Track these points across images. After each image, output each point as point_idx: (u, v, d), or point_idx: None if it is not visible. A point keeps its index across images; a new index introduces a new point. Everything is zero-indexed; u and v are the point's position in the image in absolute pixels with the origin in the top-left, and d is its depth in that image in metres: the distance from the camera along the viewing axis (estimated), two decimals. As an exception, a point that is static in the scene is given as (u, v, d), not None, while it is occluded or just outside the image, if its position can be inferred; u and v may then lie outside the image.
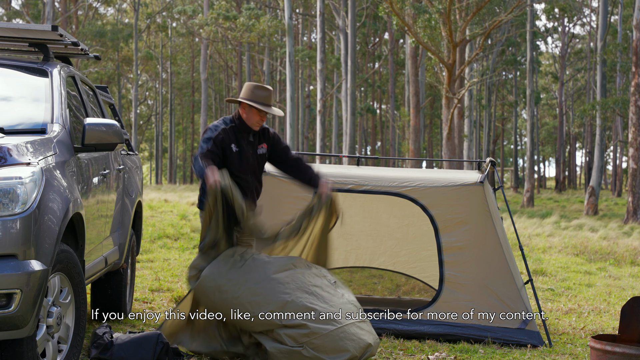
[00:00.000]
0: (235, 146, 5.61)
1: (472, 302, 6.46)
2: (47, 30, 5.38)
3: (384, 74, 54.66)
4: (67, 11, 40.83)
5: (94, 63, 42.50)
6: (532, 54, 34.76)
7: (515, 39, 44.37)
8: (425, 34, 24.08)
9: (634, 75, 22.70)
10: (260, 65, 50.52)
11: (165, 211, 17.81)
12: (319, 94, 30.65)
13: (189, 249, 11.85)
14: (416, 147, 29.65)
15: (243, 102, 5.63)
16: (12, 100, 5.12)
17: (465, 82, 30.62)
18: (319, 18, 30.37)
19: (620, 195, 47.57)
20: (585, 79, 54.83)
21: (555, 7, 38.81)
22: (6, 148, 4.06)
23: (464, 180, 6.73)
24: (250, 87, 5.71)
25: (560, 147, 52.91)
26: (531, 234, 16.38)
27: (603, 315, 8.01)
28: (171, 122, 54.42)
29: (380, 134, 59.09)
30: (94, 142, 4.86)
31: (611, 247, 13.92)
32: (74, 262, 4.44)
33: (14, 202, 3.88)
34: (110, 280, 6.50)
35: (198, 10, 42.29)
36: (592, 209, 27.35)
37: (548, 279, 10.51)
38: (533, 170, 35.12)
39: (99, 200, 5.43)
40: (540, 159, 68.29)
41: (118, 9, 53.95)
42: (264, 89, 5.66)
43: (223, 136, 5.56)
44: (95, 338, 5.33)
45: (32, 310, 3.91)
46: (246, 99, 5.63)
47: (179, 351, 5.36)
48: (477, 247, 6.62)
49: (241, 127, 5.68)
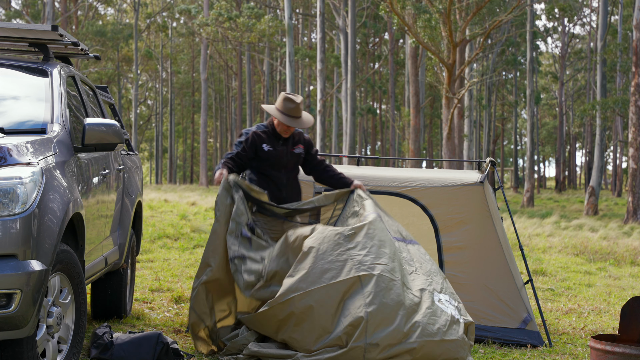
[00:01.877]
0: (267, 146, 5.97)
1: (472, 302, 6.46)
2: (47, 30, 5.38)
3: (384, 74, 54.67)
4: (67, 11, 40.83)
5: (94, 63, 42.49)
6: (532, 54, 34.76)
7: (515, 39, 44.37)
8: (425, 34, 24.09)
9: (634, 75, 22.70)
10: (260, 65, 50.52)
11: (165, 211, 17.81)
12: (319, 94, 30.65)
13: (189, 249, 11.85)
14: (416, 147, 29.65)
15: (271, 112, 6.00)
16: (12, 100, 5.11)
17: (465, 82, 30.62)
18: (319, 18, 30.36)
19: (620, 195, 47.57)
20: (585, 79, 54.84)
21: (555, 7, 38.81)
22: (6, 148, 4.05)
23: (464, 180, 6.74)
24: (281, 97, 6.01)
25: (560, 147, 52.91)
26: (531, 234, 16.38)
27: (603, 315, 8.01)
28: (171, 122, 54.42)
29: (380, 134, 59.10)
30: (94, 142, 4.86)
31: (611, 247, 13.92)
32: (74, 262, 4.43)
33: (14, 202, 3.88)
34: (110, 280, 6.50)
35: (199, 10, 42.29)
36: (592, 209, 27.35)
37: (548, 279, 10.50)
38: (533, 170, 35.12)
39: (99, 200, 5.43)
40: (540, 159, 68.31)
41: (118, 9, 53.94)
42: (291, 101, 5.94)
43: (253, 138, 5.97)
44: (95, 338, 5.33)
45: (32, 310, 3.91)
46: (275, 109, 5.98)
47: (179, 351, 5.36)
48: (477, 247, 6.62)
49: (273, 132, 6.04)
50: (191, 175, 69.82)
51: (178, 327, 6.46)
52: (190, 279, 9.15)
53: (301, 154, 6.11)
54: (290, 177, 6.09)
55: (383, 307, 4.98)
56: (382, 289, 5.05)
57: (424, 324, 5.02)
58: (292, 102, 5.94)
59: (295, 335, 5.12)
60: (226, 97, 61.81)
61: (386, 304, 5.00)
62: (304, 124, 5.99)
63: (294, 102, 5.94)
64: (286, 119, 5.93)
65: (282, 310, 5.15)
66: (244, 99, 52.96)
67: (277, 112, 5.96)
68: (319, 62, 30.23)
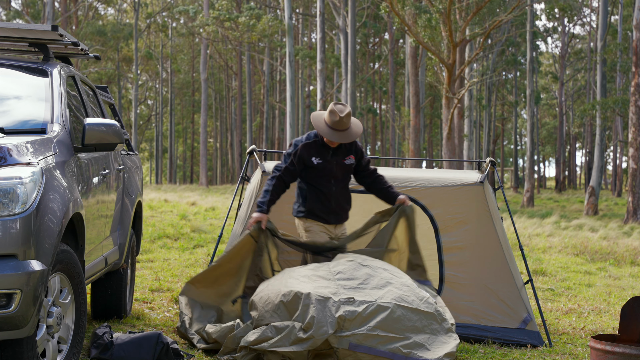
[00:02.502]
0: (316, 159, 5.92)
1: (472, 302, 6.46)
2: (47, 30, 5.37)
3: (384, 74, 54.66)
4: (67, 11, 40.83)
5: (94, 63, 42.48)
6: (532, 54, 34.76)
7: (515, 39, 44.36)
8: (425, 34, 24.08)
9: (634, 75, 22.70)
10: (260, 65, 50.52)
11: (165, 211, 17.81)
12: (319, 94, 30.65)
13: (189, 249, 11.85)
14: (416, 147, 29.65)
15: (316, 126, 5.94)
16: (12, 100, 5.11)
17: (465, 82, 30.62)
18: (319, 18, 30.37)
19: (620, 195, 47.57)
20: (585, 79, 54.83)
21: (555, 7, 38.78)
22: (6, 148, 4.05)
23: (464, 180, 6.73)
24: (329, 109, 5.89)
25: (560, 147, 52.91)
26: (531, 234, 16.37)
27: (603, 315, 8.01)
28: (171, 122, 54.41)
29: (381, 134, 59.09)
30: (94, 142, 4.86)
31: (611, 247, 13.92)
32: (74, 262, 4.43)
33: (14, 202, 3.88)
34: (110, 280, 6.50)
35: (199, 11, 42.29)
36: (592, 209, 27.35)
37: (548, 279, 10.50)
38: (533, 170, 35.11)
39: (99, 200, 5.43)
40: (540, 159, 68.29)
41: (118, 9, 53.94)
42: (334, 114, 5.81)
43: (302, 152, 5.91)
44: (95, 338, 5.33)
45: (32, 310, 3.91)
46: (322, 121, 5.89)
47: (179, 351, 5.36)
48: (477, 247, 6.62)
49: (322, 142, 5.99)
50: (191, 175, 69.82)
51: (178, 327, 6.46)
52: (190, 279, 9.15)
53: (352, 164, 6.02)
54: (340, 186, 6.04)
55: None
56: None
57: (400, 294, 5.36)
58: (334, 114, 5.81)
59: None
60: (226, 97, 61.81)
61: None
62: (348, 137, 5.86)
63: (337, 115, 5.79)
64: (328, 133, 5.84)
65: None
66: (244, 99, 52.96)
67: (321, 125, 5.85)
68: (319, 62, 30.24)
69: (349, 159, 6.00)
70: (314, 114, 6.00)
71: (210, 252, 11.37)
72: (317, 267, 5.69)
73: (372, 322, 5.20)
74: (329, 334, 5.14)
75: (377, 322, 5.20)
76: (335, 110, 5.82)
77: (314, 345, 5.16)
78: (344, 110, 5.84)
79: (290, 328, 5.19)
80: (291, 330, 5.19)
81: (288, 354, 5.18)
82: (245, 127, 58.37)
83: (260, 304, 5.44)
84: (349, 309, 5.21)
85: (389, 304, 5.26)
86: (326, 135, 5.84)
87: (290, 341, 5.17)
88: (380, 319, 5.21)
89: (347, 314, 5.19)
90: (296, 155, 5.91)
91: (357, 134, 5.91)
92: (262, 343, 5.24)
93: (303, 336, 5.16)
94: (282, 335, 5.19)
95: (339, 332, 5.17)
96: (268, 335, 5.25)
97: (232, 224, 7.77)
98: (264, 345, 5.22)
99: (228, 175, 63.77)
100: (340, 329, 5.19)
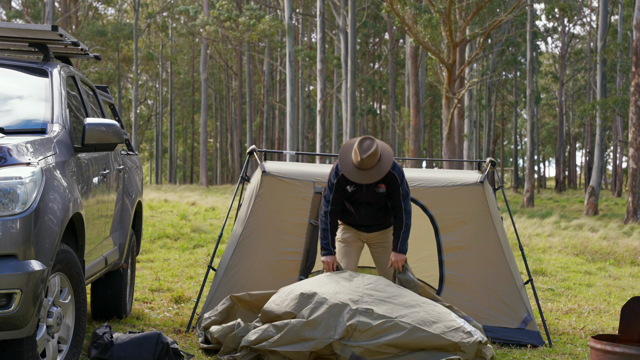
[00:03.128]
0: (350, 187, 5.91)
1: (472, 302, 6.46)
2: (47, 30, 5.37)
3: (384, 74, 54.66)
4: (67, 11, 40.83)
5: (94, 63, 42.48)
6: (532, 54, 34.75)
7: (515, 39, 44.36)
8: (425, 34, 24.08)
9: (634, 75, 22.70)
10: (260, 65, 50.53)
11: (165, 211, 17.81)
12: (319, 94, 30.65)
13: (189, 249, 11.85)
14: (416, 147, 29.65)
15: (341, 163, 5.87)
16: (12, 100, 5.11)
17: (465, 82, 30.62)
18: (319, 18, 30.37)
19: (620, 195, 47.57)
20: (585, 79, 54.83)
21: (555, 7, 38.80)
22: (6, 148, 4.05)
23: (464, 180, 6.73)
24: (354, 147, 5.71)
25: (560, 147, 52.91)
26: (531, 234, 16.38)
27: (603, 315, 8.01)
28: (171, 122, 54.42)
29: (380, 134, 59.08)
30: (94, 142, 4.86)
31: (611, 247, 13.92)
32: (74, 262, 4.43)
33: (14, 202, 3.88)
34: (110, 280, 6.50)
35: (199, 10, 42.29)
36: (592, 209, 27.35)
37: (548, 279, 10.50)
38: (533, 170, 35.12)
39: (99, 200, 5.43)
40: (540, 159, 68.30)
41: (118, 9, 53.94)
42: (356, 154, 5.67)
43: (339, 181, 5.90)
44: (95, 338, 5.33)
45: (32, 310, 3.91)
46: (349, 160, 5.79)
47: (179, 351, 5.36)
48: (477, 247, 6.62)
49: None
50: (191, 175, 69.82)
51: (178, 327, 6.46)
52: (190, 279, 9.16)
53: (384, 192, 5.94)
54: (373, 209, 6.01)
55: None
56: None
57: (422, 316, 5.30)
58: (357, 155, 5.66)
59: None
60: (226, 97, 61.81)
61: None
62: (372, 178, 5.73)
63: (359, 155, 5.64)
64: (351, 173, 5.77)
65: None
66: (244, 99, 52.96)
67: (347, 164, 5.76)
68: (319, 62, 30.24)
69: (381, 187, 5.92)
70: (345, 146, 5.88)
71: (210, 252, 11.37)
72: (352, 275, 5.68)
73: (384, 338, 5.13)
74: (334, 339, 5.12)
75: (388, 340, 5.13)
76: (357, 151, 5.66)
77: (317, 347, 5.14)
78: (368, 150, 5.64)
79: (291, 325, 5.19)
80: (291, 327, 5.18)
81: (289, 354, 5.17)
82: (245, 127, 58.38)
83: (282, 295, 5.49)
84: (362, 319, 5.16)
85: (407, 324, 5.17)
86: (348, 175, 5.74)
87: (292, 339, 5.17)
88: (393, 337, 5.14)
89: (359, 324, 5.14)
90: (339, 183, 5.90)
91: (383, 172, 5.72)
92: (262, 342, 5.23)
93: (307, 336, 5.15)
94: (283, 332, 5.19)
95: (346, 340, 5.13)
96: (269, 334, 5.24)
97: (232, 224, 7.77)
98: (265, 344, 5.21)
99: (228, 175, 63.79)
100: (349, 337, 5.14)
